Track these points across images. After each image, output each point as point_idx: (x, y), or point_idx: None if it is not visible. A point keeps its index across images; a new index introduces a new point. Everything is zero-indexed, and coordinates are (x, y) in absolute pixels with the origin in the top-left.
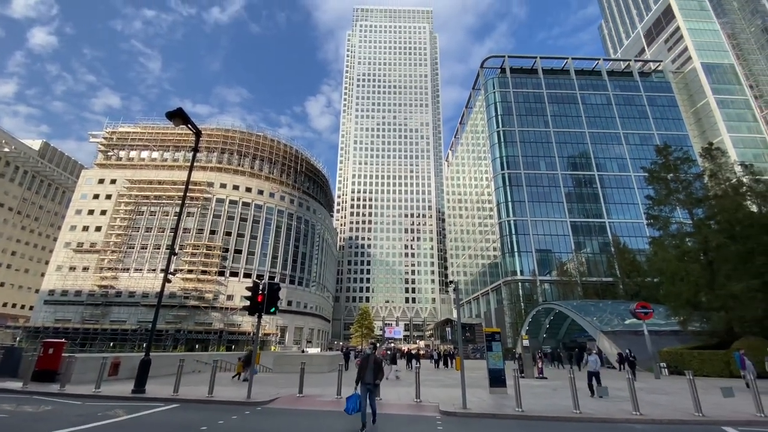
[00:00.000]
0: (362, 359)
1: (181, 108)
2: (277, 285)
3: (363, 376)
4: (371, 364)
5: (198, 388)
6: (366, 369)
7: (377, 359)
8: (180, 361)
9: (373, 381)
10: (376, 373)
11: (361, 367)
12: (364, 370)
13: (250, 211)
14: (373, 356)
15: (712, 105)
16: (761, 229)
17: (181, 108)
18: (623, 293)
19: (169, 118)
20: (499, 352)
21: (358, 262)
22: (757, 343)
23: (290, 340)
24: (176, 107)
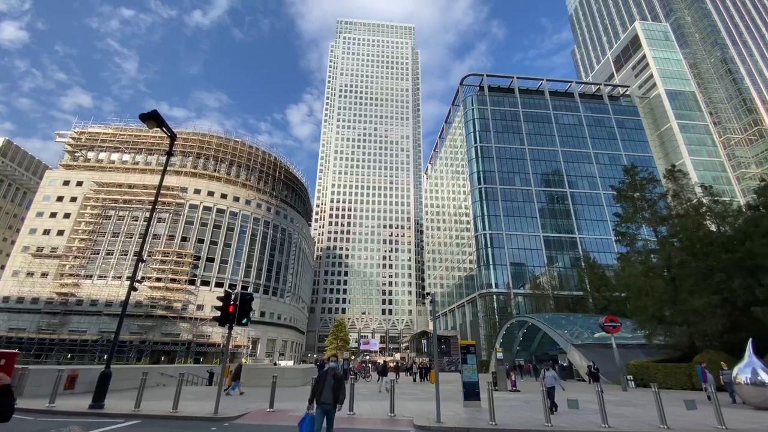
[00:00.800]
0: (319, 374)
1: (155, 110)
2: (250, 295)
3: (319, 395)
4: (330, 380)
5: (162, 403)
6: (323, 386)
7: (338, 374)
8: (143, 374)
9: (333, 401)
10: (337, 392)
11: (316, 384)
12: (320, 387)
13: (224, 218)
14: (332, 371)
15: (675, 129)
16: (720, 248)
17: (155, 110)
18: (593, 307)
19: (142, 120)
20: (473, 365)
21: (336, 272)
22: (717, 356)
23: (262, 352)
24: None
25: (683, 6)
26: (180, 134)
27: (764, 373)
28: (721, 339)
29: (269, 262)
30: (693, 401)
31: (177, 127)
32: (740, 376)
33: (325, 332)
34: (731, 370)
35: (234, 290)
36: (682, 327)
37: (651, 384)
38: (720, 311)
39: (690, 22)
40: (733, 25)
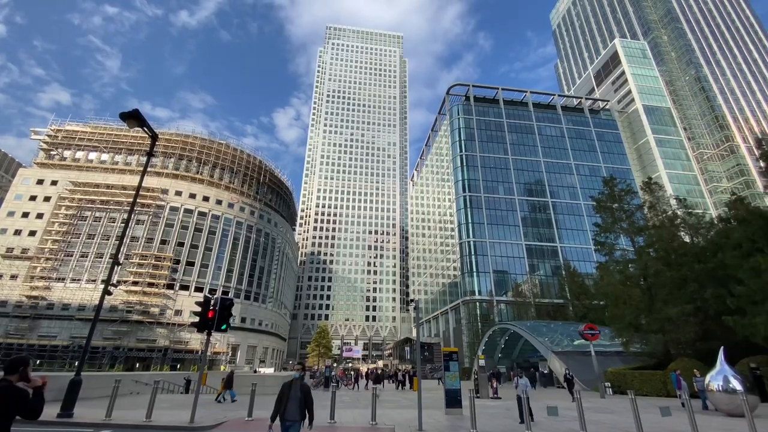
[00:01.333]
0: (283, 385)
1: (137, 109)
2: (230, 300)
3: (283, 410)
4: (296, 392)
5: (135, 412)
6: (288, 400)
7: (305, 386)
8: (116, 382)
9: (298, 417)
10: (303, 407)
11: (279, 397)
12: (284, 402)
13: (206, 221)
14: (298, 382)
15: (652, 143)
16: (693, 258)
17: (137, 109)
18: (573, 315)
19: (123, 119)
20: (456, 372)
21: (319, 278)
22: (691, 364)
23: (242, 359)
24: (133, 108)
25: (660, 25)
26: (162, 135)
27: (735, 380)
28: (694, 347)
29: (251, 267)
30: (668, 408)
31: (159, 128)
32: (712, 383)
33: (307, 339)
34: (704, 377)
35: (214, 295)
36: (658, 335)
37: (628, 391)
38: (693, 320)
39: (666, 41)
40: (707, 45)
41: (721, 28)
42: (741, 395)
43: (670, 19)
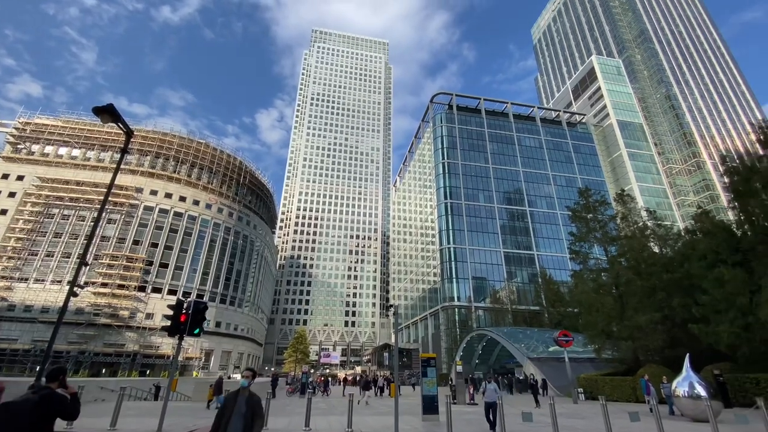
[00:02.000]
0: (226, 397)
1: (111, 104)
2: (204, 304)
3: (225, 427)
4: (241, 406)
5: (99, 420)
6: (231, 415)
7: (253, 398)
8: (79, 388)
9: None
10: (251, 424)
11: (221, 412)
12: (225, 417)
13: (182, 222)
14: (244, 392)
15: (625, 157)
16: (662, 268)
17: (111, 104)
18: (548, 322)
19: (96, 113)
20: (433, 378)
21: (298, 282)
22: (659, 370)
23: (216, 365)
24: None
25: (634, 45)
26: (138, 132)
27: (700, 386)
28: (662, 354)
29: (228, 270)
30: (637, 413)
31: (136, 124)
32: (679, 389)
33: (284, 344)
34: (671, 383)
35: (188, 298)
36: (628, 342)
37: (599, 396)
38: (661, 327)
39: (640, 60)
40: (677, 65)
41: (690, 49)
42: (705, 401)
43: (643, 39)
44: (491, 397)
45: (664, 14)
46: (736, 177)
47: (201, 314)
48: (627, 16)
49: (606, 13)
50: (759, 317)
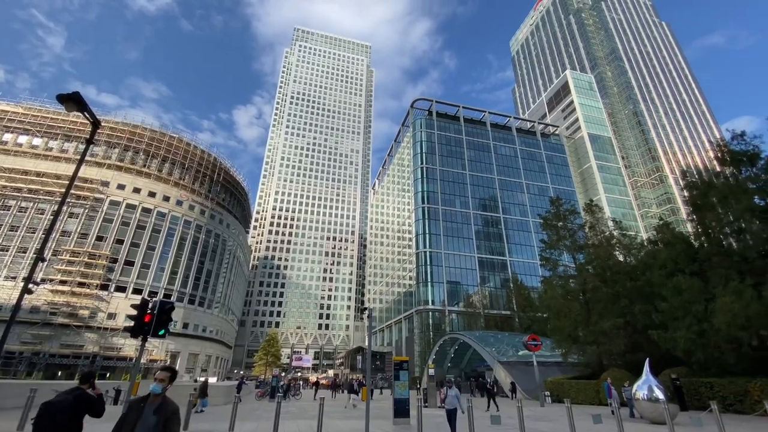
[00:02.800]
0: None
1: (78, 92)
2: (171, 304)
3: None
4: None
5: None
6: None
7: (168, 410)
8: (31, 391)
9: None
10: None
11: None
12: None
13: (150, 218)
14: (155, 399)
15: (594, 169)
16: (626, 276)
17: (78, 92)
18: (518, 326)
19: (60, 101)
20: (405, 382)
21: (272, 283)
22: (620, 374)
23: (182, 367)
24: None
25: (606, 62)
26: (107, 123)
27: (658, 390)
28: (624, 358)
29: (198, 270)
30: (599, 416)
31: (105, 115)
32: (639, 392)
33: (255, 347)
34: (632, 387)
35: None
36: (593, 347)
37: (565, 399)
38: (623, 333)
39: (610, 76)
40: (645, 84)
41: (657, 69)
42: (663, 404)
43: (614, 57)
44: (452, 403)
45: (634, 35)
46: (695, 191)
47: (167, 314)
48: (599, 35)
49: (580, 30)
50: (713, 324)
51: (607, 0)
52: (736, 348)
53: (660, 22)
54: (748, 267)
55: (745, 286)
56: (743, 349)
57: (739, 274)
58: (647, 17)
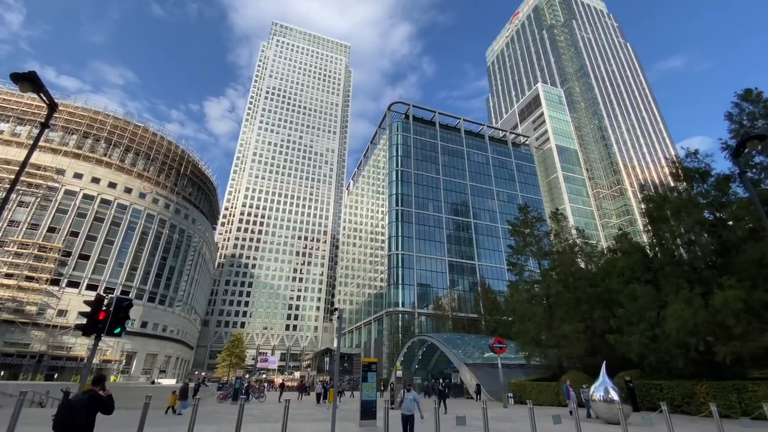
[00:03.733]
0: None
1: (34, 72)
2: (129, 301)
3: None
4: None
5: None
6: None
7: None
8: None
9: None
10: None
11: None
12: None
13: (110, 210)
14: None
15: (560, 179)
16: (586, 282)
17: (34, 72)
18: (485, 329)
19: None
20: (373, 383)
21: (238, 282)
22: (579, 376)
23: (139, 368)
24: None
25: (575, 78)
26: (65, 107)
27: (613, 391)
28: (583, 361)
29: (160, 266)
30: (559, 416)
31: (64, 99)
32: (595, 393)
33: (218, 348)
34: (589, 388)
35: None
36: (554, 350)
37: (527, 401)
38: (583, 337)
39: (578, 92)
40: (609, 101)
41: (621, 87)
42: (618, 405)
43: (582, 74)
44: (409, 408)
45: (601, 54)
46: (652, 204)
47: (124, 312)
48: (570, 51)
49: (552, 46)
50: (664, 330)
51: (577, 19)
52: (685, 352)
53: (625, 44)
54: (697, 277)
55: (694, 294)
56: (691, 354)
57: (688, 283)
58: (614, 38)
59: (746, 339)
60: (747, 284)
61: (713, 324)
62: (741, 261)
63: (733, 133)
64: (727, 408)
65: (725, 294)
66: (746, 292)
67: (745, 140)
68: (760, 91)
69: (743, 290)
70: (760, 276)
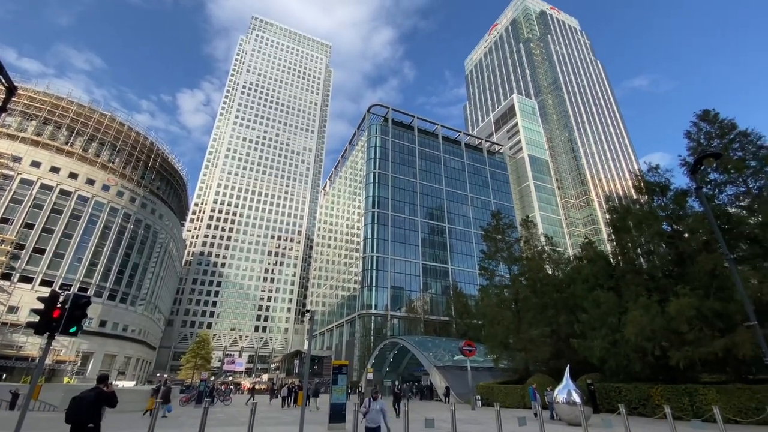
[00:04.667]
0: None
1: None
2: (87, 298)
3: None
4: None
5: None
6: None
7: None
8: None
9: None
10: None
11: None
12: None
13: (69, 202)
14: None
15: (531, 188)
16: (553, 288)
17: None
18: (456, 332)
19: None
20: (343, 386)
21: (206, 281)
22: (544, 379)
23: (95, 370)
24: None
25: (548, 91)
26: (25, 91)
27: (576, 394)
28: (548, 364)
29: (123, 263)
30: (524, 418)
31: (24, 82)
32: (559, 396)
33: (183, 349)
34: (553, 391)
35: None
36: (521, 353)
37: (494, 403)
38: (549, 341)
39: (551, 104)
40: (579, 115)
41: (590, 102)
42: (579, 407)
43: (555, 87)
44: (375, 420)
45: (574, 69)
46: (615, 215)
47: (81, 310)
48: (545, 65)
49: (528, 59)
50: (624, 335)
51: (553, 34)
52: (642, 357)
53: (596, 61)
54: (655, 285)
55: (652, 302)
56: (648, 358)
57: (647, 291)
58: (585, 55)
59: (698, 345)
60: (700, 293)
61: (668, 330)
62: (695, 271)
63: (691, 151)
64: (680, 410)
65: (680, 302)
66: (699, 301)
67: (702, 158)
68: (717, 113)
69: (696, 299)
70: (711, 286)
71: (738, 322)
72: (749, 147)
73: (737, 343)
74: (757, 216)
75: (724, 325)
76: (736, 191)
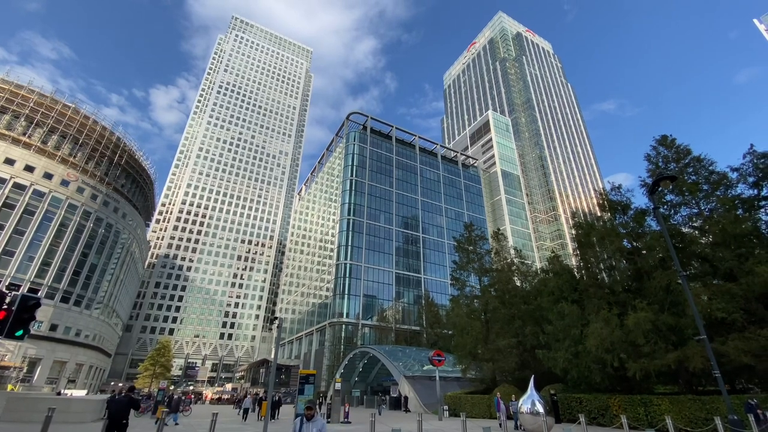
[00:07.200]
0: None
1: None
2: (36, 300)
3: None
4: None
5: None
6: None
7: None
8: None
9: None
10: None
11: None
12: None
13: (23, 197)
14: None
15: (503, 201)
16: (521, 299)
17: None
18: (426, 342)
19: None
20: (310, 396)
21: (170, 285)
22: (510, 389)
23: (43, 377)
24: None
25: (521, 109)
26: None
27: (539, 404)
28: (514, 375)
29: (80, 263)
30: (489, 428)
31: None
32: (523, 406)
33: (141, 356)
34: (518, 401)
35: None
36: (489, 363)
37: (461, 413)
38: (515, 351)
39: (524, 122)
40: (550, 133)
41: (560, 122)
42: (542, 417)
43: (528, 106)
44: None
45: (546, 90)
46: (580, 231)
47: (29, 312)
48: (519, 84)
49: (504, 77)
50: (586, 347)
51: (527, 55)
52: (602, 368)
53: (566, 83)
54: (615, 298)
55: (612, 315)
56: (607, 369)
57: (608, 305)
58: (557, 77)
59: (653, 357)
60: (656, 307)
61: (627, 342)
62: (651, 286)
63: (650, 173)
64: (636, 420)
65: (637, 315)
66: (654, 315)
67: (659, 180)
68: (673, 138)
69: (652, 313)
70: (666, 301)
71: (689, 336)
72: (702, 171)
73: (688, 356)
74: (708, 236)
75: (676, 338)
76: (690, 212)
